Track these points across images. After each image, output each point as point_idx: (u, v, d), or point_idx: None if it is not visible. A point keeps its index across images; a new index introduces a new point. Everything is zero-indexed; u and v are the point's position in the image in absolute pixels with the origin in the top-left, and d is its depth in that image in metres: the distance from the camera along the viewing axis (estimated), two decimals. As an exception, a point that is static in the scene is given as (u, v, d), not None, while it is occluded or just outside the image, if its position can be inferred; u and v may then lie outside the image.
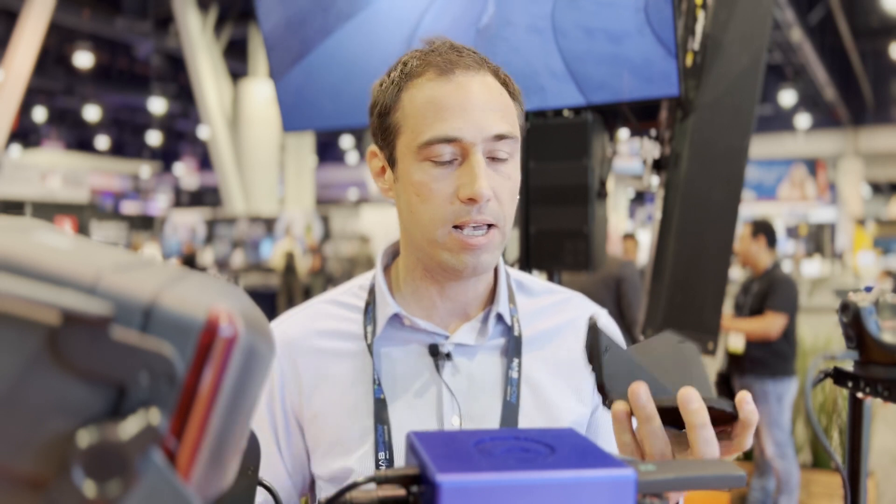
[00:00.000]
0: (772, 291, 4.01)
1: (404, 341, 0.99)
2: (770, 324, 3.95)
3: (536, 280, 1.11)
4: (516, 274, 1.08)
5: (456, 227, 0.91)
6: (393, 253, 1.07)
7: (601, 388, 0.71)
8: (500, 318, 1.00)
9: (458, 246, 0.91)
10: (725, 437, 0.72)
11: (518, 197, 0.96)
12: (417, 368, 0.98)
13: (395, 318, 0.99)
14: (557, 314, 1.05)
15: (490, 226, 0.91)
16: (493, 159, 0.92)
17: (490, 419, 0.96)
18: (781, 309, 3.98)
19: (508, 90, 0.97)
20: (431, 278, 0.99)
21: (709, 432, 0.68)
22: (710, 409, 0.70)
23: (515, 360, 0.98)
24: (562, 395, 1.00)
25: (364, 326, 1.00)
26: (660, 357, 0.76)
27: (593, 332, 0.71)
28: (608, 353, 0.71)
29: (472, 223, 0.90)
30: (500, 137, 0.91)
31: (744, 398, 0.70)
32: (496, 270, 1.04)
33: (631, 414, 0.71)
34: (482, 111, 0.90)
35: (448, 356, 0.97)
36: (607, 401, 0.72)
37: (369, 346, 0.98)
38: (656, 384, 0.72)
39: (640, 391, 0.69)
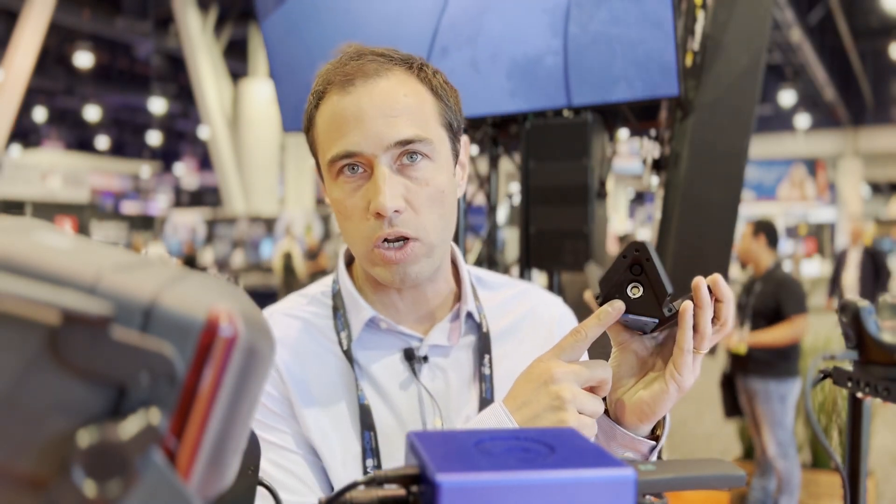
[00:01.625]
0: (787, 296, 4.02)
1: (381, 345, 0.98)
2: (800, 328, 3.98)
3: (493, 274, 1.11)
4: (474, 270, 1.08)
5: (377, 245, 0.89)
6: (352, 257, 1.05)
7: (662, 292, 0.78)
8: (469, 315, 1.00)
9: (381, 261, 0.90)
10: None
11: (447, 200, 0.92)
12: (396, 372, 0.97)
13: (371, 323, 0.98)
14: (517, 306, 1.06)
15: (406, 239, 0.89)
16: (404, 166, 0.89)
17: (469, 417, 0.95)
18: (802, 310, 4.01)
19: (428, 86, 0.93)
20: (387, 287, 0.97)
21: (733, 306, 0.81)
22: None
23: (486, 357, 0.98)
24: None
25: (336, 333, 0.98)
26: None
27: (651, 247, 0.78)
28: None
29: (385, 237, 0.88)
30: (405, 143, 0.87)
31: (717, 280, 0.80)
32: (457, 269, 1.04)
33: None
34: (381, 119, 0.87)
35: (425, 359, 0.97)
36: (668, 305, 0.79)
37: (346, 353, 0.96)
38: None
39: (703, 283, 0.79)
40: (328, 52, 0.98)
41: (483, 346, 0.99)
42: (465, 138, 1.00)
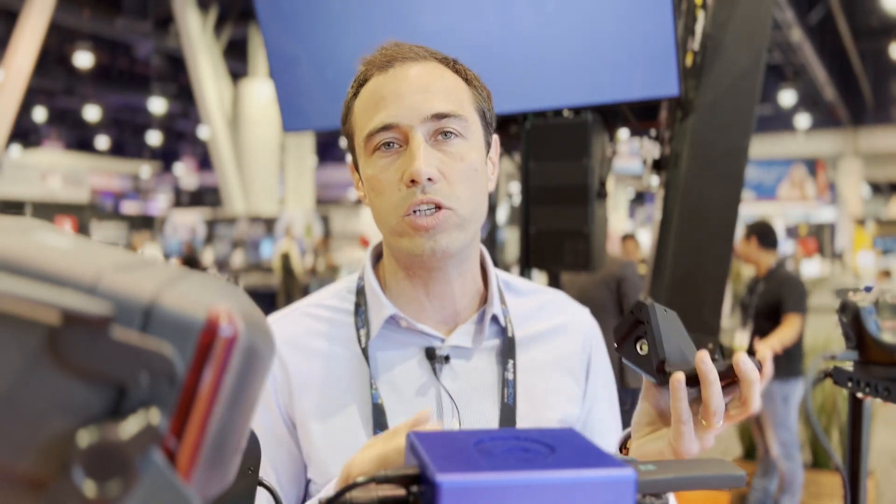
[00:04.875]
0: (787, 294, 4.02)
1: (400, 344, 0.96)
2: (796, 328, 3.97)
3: (521, 279, 1.10)
4: (502, 274, 1.08)
5: (408, 213, 0.89)
6: (379, 254, 1.04)
7: (662, 363, 0.77)
8: (494, 319, 0.99)
9: (411, 229, 0.89)
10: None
11: (480, 179, 0.93)
12: (415, 372, 0.95)
13: (391, 321, 0.96)
14: (547, 318, 1.04)
15: (439, 207, 0.89)
16: (439, 140, 0.90)
17: (488, 422, 0.94)
18: (800, 310, 4.00)
19: (462, 76, 0.96)
20: (414, 278, 0.97)
21: (758, 387, 0.76)
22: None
23: (510, 362, 0.97)
24: (555, 398, 0.99)
25: (356, 330, 0.97)
26: (665, 326, 0.79)
27: (651, 310, 0.76)
28: (661, 328, 0.77)
29: (418, 204, 0.88)
30: (440, 116, 0.89)
31: (740, 358, 0.76)
32: (485, 271, 1.03)
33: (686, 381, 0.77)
34: (418, 93, 0.89)
35: (446, 359, 0.95)
36: (664, 375, 0.77)
37: (364, 350, 0.95)
38: (683, 350, 0.78)
39: (706, 358, 0.76)
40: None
41: (508, 351, 0.98)
42: (496, 137, 1.02)
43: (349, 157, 1.01)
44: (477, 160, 0.93)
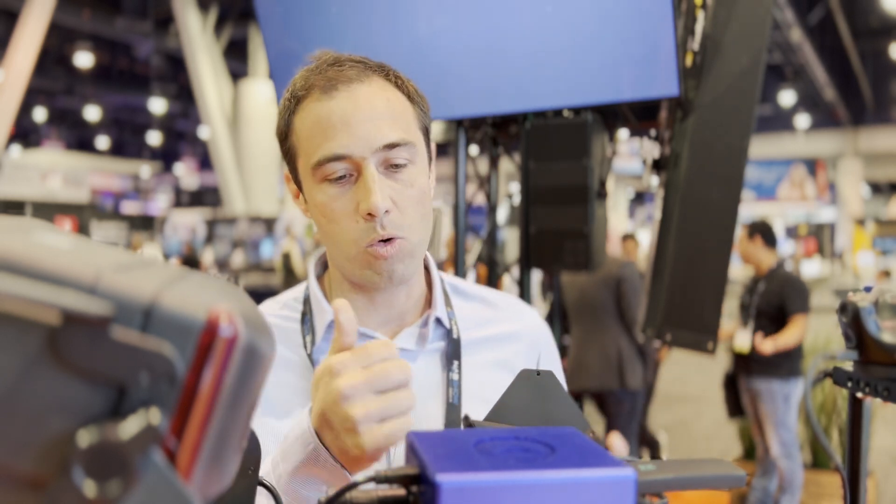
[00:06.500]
0: (791, 295, 4.02)
1: None
2: (802, 328, 3.98)
3: (468, 283, 1.12)
4: (449, 278, 1.09)
5: (370, 245, 0.91)
6: (324, 263, 1.07)
7: None
8: (438, 322, 1.01)
9: (372, 258, 0.91)
10: None
11: (426, 201, 0.94)
12: None
13: (334, 325, 0.97)
14: (497, 325, 1.06)
15: (392, 238, 0.91)
16: (389, 168, 0.91)
17: (434, 422, 0.96)
18: (804, 310, 4.02)
19: (404, 92, 0.95)
20: (358, 290, 0.99)
21: None
22: None
23: (455, 363, 0.99)
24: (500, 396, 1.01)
25: (303, 337, 1.00)
26: (523, 404, 0.79)
27: (466, 423, 0.75)
28: None
29: (377, 239, 0.90)
30: (391, 146, 0.90)
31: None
32: (430, 276, 1.05)
33: None
34: (369, 122, 0.89)
35: None
36: None
37: (309, 356, 0.97)
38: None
39: None
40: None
41: (453, 353, 0.99)
42: (433, 145, 1.02)
43: (284, 167, 1.01)
44: (424, 183, 0.95)
